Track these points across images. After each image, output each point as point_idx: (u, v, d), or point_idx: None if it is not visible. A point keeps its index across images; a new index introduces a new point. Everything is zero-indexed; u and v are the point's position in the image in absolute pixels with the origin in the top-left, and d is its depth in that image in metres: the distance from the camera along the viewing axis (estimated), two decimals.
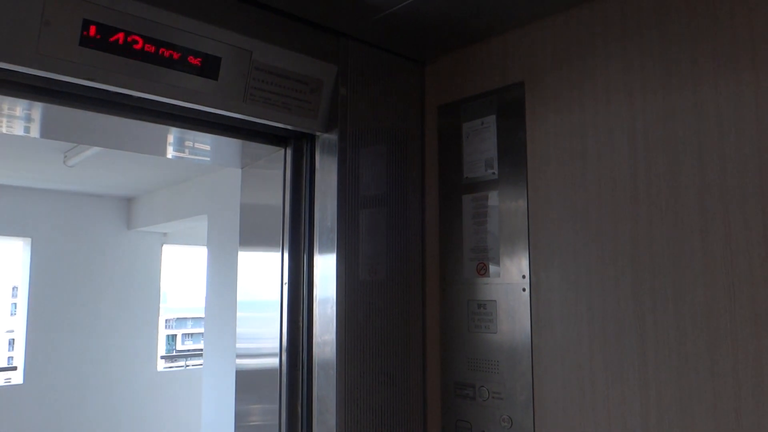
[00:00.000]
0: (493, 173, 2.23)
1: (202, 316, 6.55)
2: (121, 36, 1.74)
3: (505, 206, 2.18)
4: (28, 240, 7.38)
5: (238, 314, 2.63)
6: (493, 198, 2.22)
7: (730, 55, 1.67)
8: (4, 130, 2.06)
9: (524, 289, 2.09)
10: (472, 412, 2.21)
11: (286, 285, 2.29)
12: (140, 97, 1.89)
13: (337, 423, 2.12)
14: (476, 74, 2.33)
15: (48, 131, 2.15)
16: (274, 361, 2.31)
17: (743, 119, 1.63)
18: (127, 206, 8.03)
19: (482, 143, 2.28)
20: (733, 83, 1.66)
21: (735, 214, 1.63)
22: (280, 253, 2.33)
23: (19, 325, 7.61)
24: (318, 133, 2.29)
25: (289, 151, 2.36)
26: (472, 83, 2.34)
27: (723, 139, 1.67)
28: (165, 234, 8.33)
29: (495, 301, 2.17)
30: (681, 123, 1.76)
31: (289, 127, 2.22)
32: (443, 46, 2.39)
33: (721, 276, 1.65)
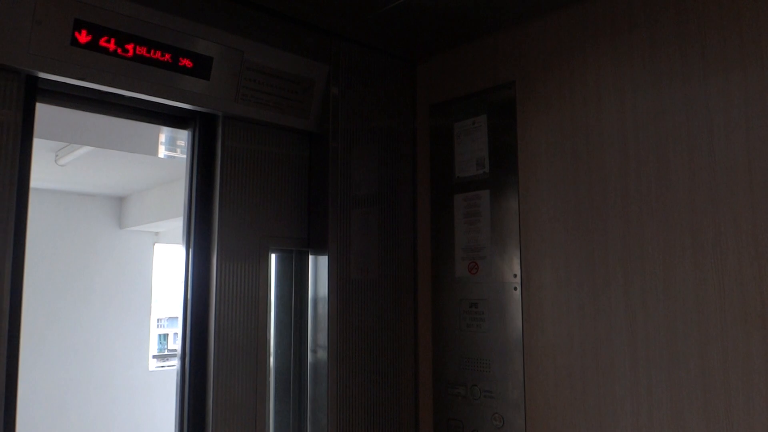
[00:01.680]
0: (485, 172, 2.24)
1: None
2: (113, 36, 1.74)
3: (496, 205, 2.19)
4: None
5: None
6: (485, 197, 2.22)
7: (719, 53, 1.69)
8: None
9: (516, 288, 2.10)
10: (464, 410, 2.21)
11: (190, 284, 2.05)
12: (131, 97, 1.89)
13: (329, 422, 2.12)
14: (467, 74, 2.34)
15: (39, 130, 2.14)
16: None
17: (732, 117, 1.65)
18: (119, 205, 7.99)
19: (474, 142, 2.28)
20: (723, 82, 1.67)
21: (725, 213, 1.64)
22: (184, 250, 2.08)
23: None
24: (220, 113, 2.06)
25: (195, 134, 2.10)
26: (463, 83, 2.35)
27: (712, 137, 1.68)
28: (157, 233, 8.30)
29: (487, 300, 2.18)
30: (671, 121, 1.77)
31: (192, 107, 1.99)
32: (434, 45, 2.40)
33: (711, 274, 1.66)
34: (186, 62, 1.90)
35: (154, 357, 8.68)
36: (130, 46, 1.78)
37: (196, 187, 2.07)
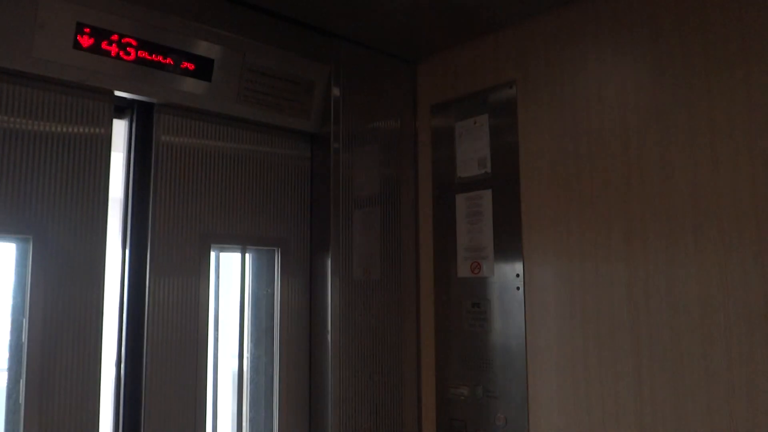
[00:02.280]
0: (486, 172, 2.24)
1: None
2: (115, 38, 1.74)
3: (498, 205, 2.19)
4: None
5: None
6: (487, 197, 2.22)
7: (721, 52, 1.69)
8: None
9: (518, 288, 2.10)
10: (467, 411, 2.21)
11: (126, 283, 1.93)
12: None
13: (331, 423, 2.12)
14: (468, 73, 2.34)
15: None
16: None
17: (735, 116, 1.65)
18: None
19: (475, 142, 2.29)
20: (725, 80, 1.67)
21: (728, 211, 1.64)
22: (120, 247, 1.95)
23: None
24: (156, 101, 1.94)
25: (131, 123, 1.97)
26: (465, 82, 2.35)
27: (715, 136, 1.68)
28: None
29: (489, 299, 2.18)
30: (673, 119, 1.77)
31: (130, 96, 1.89)
32: (435, 45, 2.40)
33: (714, 273, 1.66)
34: (188, 65, 1.90)
35: None
36: (132, 49, 1.78)
37: (132, 183, 1.96)
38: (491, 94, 2.25)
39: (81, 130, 1.81)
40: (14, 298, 1.72)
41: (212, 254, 2.09)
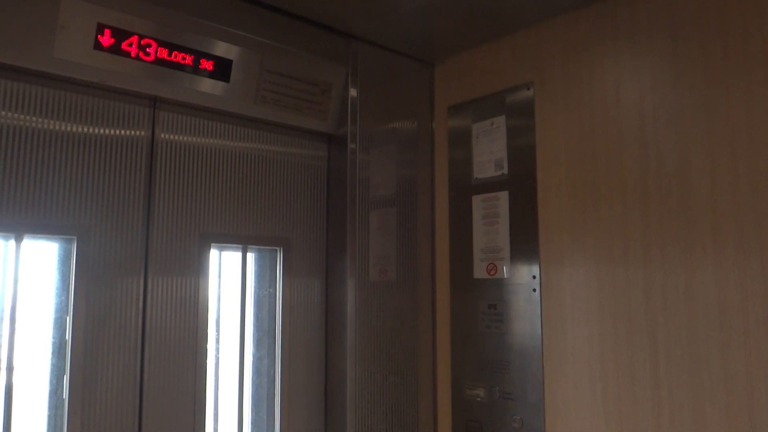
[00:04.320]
0: (503, 174, 2.23)
1: None
2: (134, 39, 1.76)
3: (515, 207, 2.18)
4: None
5: None
6: (504, 198, 2.22)
7: (741, 53, 1.67)
8: None
9: (535, 290, 2.09)
10: (483, 412, 2.21)
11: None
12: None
13: (348, 422, 2.13)
14: (485, 75, 2.34)
15: None
16: None
17: (755, 118, 1.63)
18: None
19: (492, 144, 2.28)
20: (745, 82, 1.66)
21: (747, 214, 1.63)
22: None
23: None
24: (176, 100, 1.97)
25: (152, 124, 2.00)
26: (482, 84, 2.35)
27: (734, 137, 1.66)
28: None
29: (506, 301, 2.18)
30: (691, 121, 1.75)
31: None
32: (452, 46, 2.40)
33: (733, 275, 1.64)
34: (207, 65, 1.91)
35: None
36: (151, 50, 1.80)
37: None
38: (508, 95, 2.25)
39: (121, 132, 1.86)
40: (58, 296, 1.77)
41: (215, 253, 2.11)
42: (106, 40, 1.71)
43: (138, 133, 1.89)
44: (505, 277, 2.19)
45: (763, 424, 1.56)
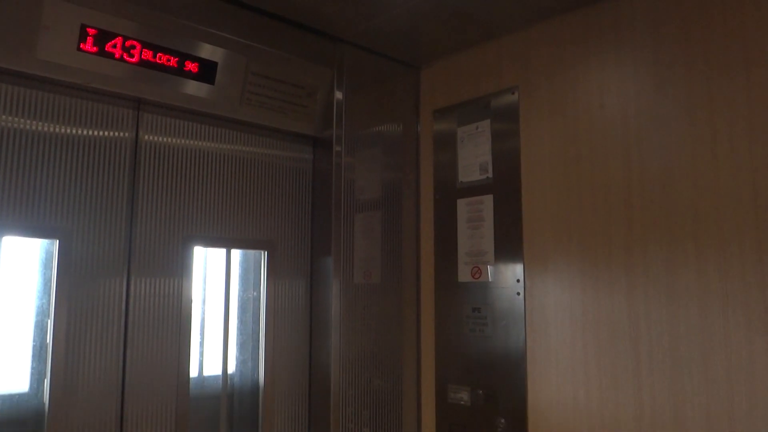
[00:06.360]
0: (488, 177, 2.24)
1: None
2: (119, 41, 1.75)
3: (499, 210, 2.19)
4: None
5: None
6: (488, 202, 2.23)
7: (722, 59, 1.69)
8: None
9: (519, 293, 2.10)
10: (467, 416, 2.21)
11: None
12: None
13: (331, 425, 2.12)
14: (471, 79, 2.35)
15: None
16: None
17: (736, 124, 1.65)
18: None
19: (477, 147, 2.29)
20: (726, 88, 1.68)
21: (728, 218, 1.64)
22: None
23: None
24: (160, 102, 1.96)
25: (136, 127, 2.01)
26: (467, 88, 2.36)
27: (716, 143, 1.68)
28: None
29: (490, 304, 2.18)
30: (674, 127, 1.77)
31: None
32: (438, 51, 2.40)
33: (714, 280, 1.66)
34: (192, 67, 1.91)
35: None
36: (136, 51, 1.79)
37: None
38: (493, 99, 2.26)
39: (105, 134, 1.85)
40: (39, 299, 1.75)
41: (199, 256, 2.09)
42: (90, 41, 1.70)
43: (122, 134, 1.88)
44: (490, 280, 2.19)
45: (744, 428, 1.58)
